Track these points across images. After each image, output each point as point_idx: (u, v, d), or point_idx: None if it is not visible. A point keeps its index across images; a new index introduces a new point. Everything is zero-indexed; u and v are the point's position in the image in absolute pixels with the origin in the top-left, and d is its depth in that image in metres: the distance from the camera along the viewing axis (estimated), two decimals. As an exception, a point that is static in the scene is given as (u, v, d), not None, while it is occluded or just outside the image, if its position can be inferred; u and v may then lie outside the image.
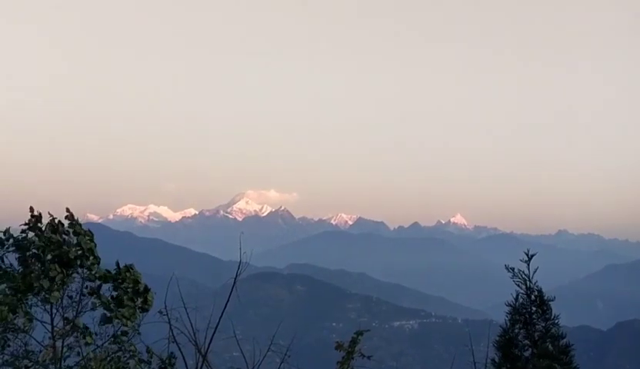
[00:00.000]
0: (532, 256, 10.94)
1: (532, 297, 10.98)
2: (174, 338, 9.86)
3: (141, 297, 9.66)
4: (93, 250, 9.51)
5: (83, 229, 9.54)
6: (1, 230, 9.33)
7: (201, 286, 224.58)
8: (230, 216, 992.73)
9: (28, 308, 9.31)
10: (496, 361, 11.03)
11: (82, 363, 9.37)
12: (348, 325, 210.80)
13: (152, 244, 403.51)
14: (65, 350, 9.40)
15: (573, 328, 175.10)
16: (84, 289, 9.56)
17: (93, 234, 9.64)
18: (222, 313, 10.07)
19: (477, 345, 12.56)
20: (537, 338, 10.86)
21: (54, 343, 9.30)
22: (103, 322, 9.53)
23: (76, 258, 9.38)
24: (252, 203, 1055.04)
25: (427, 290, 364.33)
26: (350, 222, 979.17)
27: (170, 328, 9.80)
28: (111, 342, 9.64)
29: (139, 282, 9.70)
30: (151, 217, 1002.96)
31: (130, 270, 9.71)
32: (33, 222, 9.38)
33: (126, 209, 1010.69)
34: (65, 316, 9.43)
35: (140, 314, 9.71)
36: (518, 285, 10.99)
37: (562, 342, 10.86)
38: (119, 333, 9.65)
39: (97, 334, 9.61)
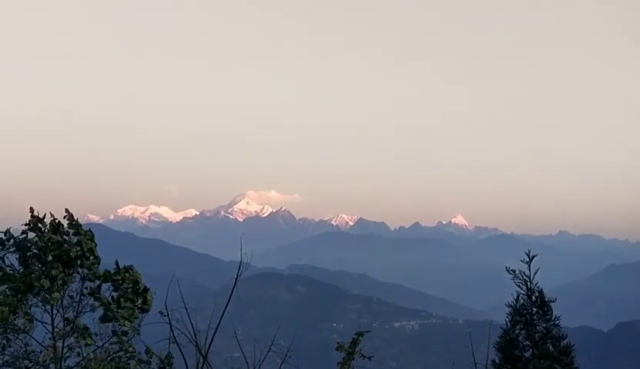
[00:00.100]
0: (533, 257, 10.94)
1: (533, 298, 10.97)
2: (174, 339, 9.86)
3: (140, 297, 9.66)
4: (93, 250, 9.51)
5: (83, 229, 9.55)
6: (1, 230, 9.35)
7: (201, 286, 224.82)
8: (231, 216, 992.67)
9: (28, 309, 9.31)
10: (497, 362, 11.03)
11: (83, 363, 9.37)
12: (349, 326, 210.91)
13: (153, 245, 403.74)
14: (66, 350, 9.40)
15: (574, 329, 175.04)
16: (84, 289, 9.57)
17: (93, 234, 9.64)
18: (223, 313, 10.07)
19: (477, 346, 12.56)
20: (538, 339, 10.85)
21: (54, 343, 9.30)
22: (103, 320, 9.53)
23: (76, 258, 9.38)
24: (253, 203, 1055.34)
25: (427, 290, 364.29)
26: (351, 223, 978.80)
27: (171, 329, 9.79)
28: (111, 342, 9.64)
29: (138, 282, 9.70)
30: (151, 217, 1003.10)
31: (129, 270, 9.71)
32: (33, 222, 9.39)
33: (127, 209, 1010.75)
34: (66, 316, 9.44)
35: (139, 315, 9.71)
36: (519, 286, 10.99)
37: (563, 343, 10.85)
38: (119, 333, 9.65)
39: (97, 335, 9.61)
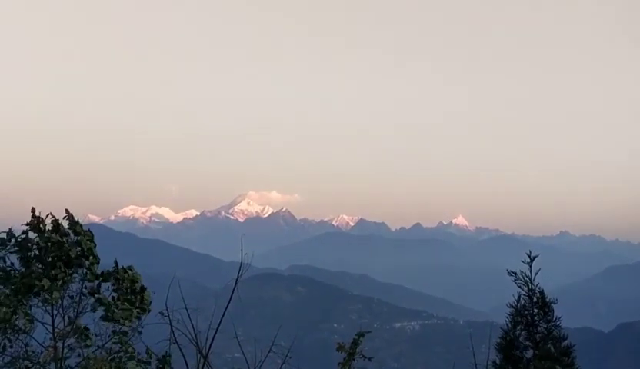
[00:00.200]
0: (534, 258, 10.94)
1: (534, 298, 10.97)
2: (175, 339, 9.86)
3: (137, 296, 9.68)
4: (93, 250, 9.53)
5: (83, 229, 9.57)
6: (2, 230, 9.36)
7: (202, 287, 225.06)
8: (231, 217, 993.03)
9: (29, 309, 9.33)
10: (497, 363, 11.02)
11: (83, 363, 9.38)
12: (350, 326, 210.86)
13: (154, 245, 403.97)
14: (66, 350, 9.41)
15: (575, 330, 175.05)
16: (84, 289, 9.59)
17: (93, 234, 9.66)
18: (223, 314, 10.07)
19: (478, 347, 12.55)
20: (539, 340, 10.85)
21: (55, 344, 9.30)
22: (104, 318, 9.56)
23: (76, 258, 9.40)
24: (254, 204, 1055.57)
25: (428, 291, 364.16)
26: (351, 223, 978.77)
27: (171, 329, 9.80)
28: (111, 343, 9.65)
29: (136, 282, 9.72)
30: (152, 218, 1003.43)
31: (128, 271, 9.73)
32: (34, 223, 9.41)
33: (128, 210, 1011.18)
34: (66, 317, 9.45)
35: (138, 314, 9.72)
36: (520, 287, 10.98)
37: (564, 344, 10.85)
38: (119, 333, 9.66)
39: (97, 335, 9.62)
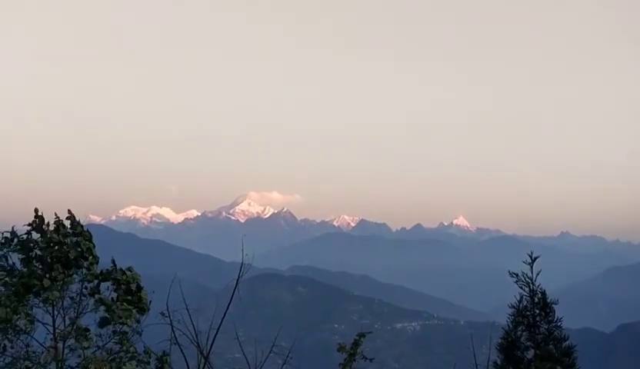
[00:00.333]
0: (536, 258, 10.94)
1: (535, 299, 10.97)
2: (176, 340, 9.86)
3: (134, 296, 9.68)
4: (92, 250, 9.53)
5: (82, 229, 9.57)
6: (3, 230, 9.37)
7: (203, 287, 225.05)
8: (232, 217, 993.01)
9: (30, 309, 9.33)
10: (498, 363, 11.03)
11: (83, 363, 9.38)
12: (350, 327, 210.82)
13: (155, 246, 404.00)
14: (67, 351, 9.42)
15: (576, 330, 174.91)
16: (83, 289, 9.60)
17: (91, 235, 9.67)
18: (224, 314, 10.07)
19: (479, 347, 12.54)
20: (540, 340, 10.85)
21: (55, 344, 9.31)
22: (102, 324, 9.56)
23: (75, 258, 9.40)
24: (255, 204, 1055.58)
25: (429, 292, 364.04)
26: (352, 224, 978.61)
27: (172, 330, 9.80)
28: (112, 343, 9.66)
29: (130, 282, 9.73)
30: (153, 218, 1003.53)
31: (126, 272, 9.73)
32: (37, 223, 9.42)
33: (129, 210, 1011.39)
34: (67, 317, 9.46)
35: (136, 314, 9.73)
36: (522, 288, 10.99)
37: (565, 344, 10.86)
38: (120, 333, 9.67)
39: (99, 335, 9.63)
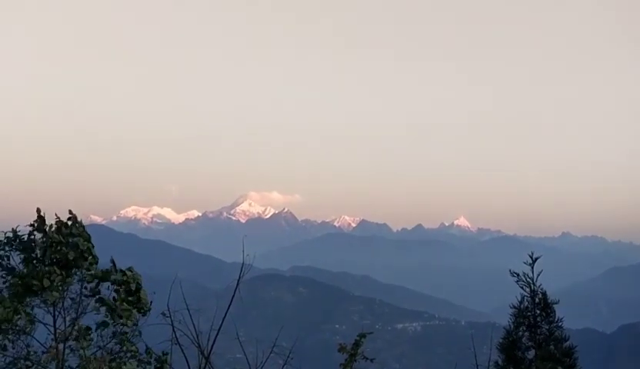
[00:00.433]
0: (537, 259, 10.94)
1: (536, 299, 10.97)
2: (176, 340, 9.85)
3: (134, 296, 9.69)
4: (91, 250, 9.53)
5: (81, 230, 9.56)
6: (2, 231, 9.38)
7: (203, 288, 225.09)
8: (233, 218, 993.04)
9: (30, 310, 9.34)
10: (499, 364, 11.03)
11: (83, 364, 9.38)
12: (351, 327, 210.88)
13: (155, 246, 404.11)
14: (67, 351, 9.42)
15: (576, 331, 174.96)
16: (83, 290, 9.60)
17: (90, 236, 9.67)
18: (225, 314, 10.06)
19: (480, 348, 12.54)
20: (541, 341, 10.85)
21: (56, 345, 9.31)
22: (100, 327, 9.57)
23: (75, 259, 9.41)
24: (255, 205, 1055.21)
25: (430, 292, 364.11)
26: (353, 224, 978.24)
27: (173, 330, 9.79)
28: (112, 343, 9.66)
29: (129, 283, 9.73)
30: (154, 218, 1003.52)
31: (127, 272, 9.73)
32: (39, 223, 9.42)
33: (130, 211, 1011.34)
34: (67, 318, 9.46)
35: (136, 314, 9.73)
36: (522, 288, 10.99)
37: (566, 345, 10.85)
38: (120, 333, 9.67)
39: (100, 336, 9.63)
